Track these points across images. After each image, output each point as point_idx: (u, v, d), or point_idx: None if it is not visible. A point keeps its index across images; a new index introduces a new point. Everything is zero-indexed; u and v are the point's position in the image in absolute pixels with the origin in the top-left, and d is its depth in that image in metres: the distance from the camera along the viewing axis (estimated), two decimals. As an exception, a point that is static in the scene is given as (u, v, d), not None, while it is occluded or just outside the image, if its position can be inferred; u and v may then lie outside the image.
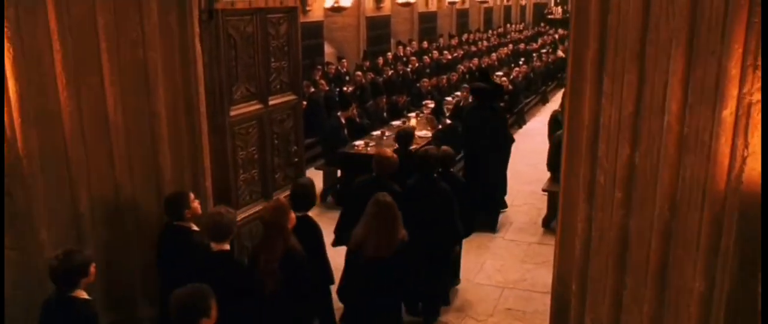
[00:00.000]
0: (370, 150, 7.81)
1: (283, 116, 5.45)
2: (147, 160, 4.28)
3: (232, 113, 4.83)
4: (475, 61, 13.87)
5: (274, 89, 5.30)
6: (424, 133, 8.53)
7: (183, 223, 4.05)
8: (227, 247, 3.68)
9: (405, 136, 6.42)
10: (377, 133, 8.56)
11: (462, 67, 13.07)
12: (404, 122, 9.04)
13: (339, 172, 8.12)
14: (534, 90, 13.02)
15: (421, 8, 20.26)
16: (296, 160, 5.65)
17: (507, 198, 7.86)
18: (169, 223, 4.09)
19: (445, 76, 11.75)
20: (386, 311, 4.10)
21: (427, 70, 13.82)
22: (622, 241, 3.19)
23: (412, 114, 9.72)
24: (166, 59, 4.27)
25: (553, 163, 7.36)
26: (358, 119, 8.44)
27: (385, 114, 9.51)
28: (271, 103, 5.24)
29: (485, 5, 25.80)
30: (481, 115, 7.33)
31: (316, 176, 7.43)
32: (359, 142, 8.03)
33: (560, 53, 15.70)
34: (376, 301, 3.96)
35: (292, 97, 5.52)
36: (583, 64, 3.39)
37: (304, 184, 4.48)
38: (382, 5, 17.50)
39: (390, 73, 12.36)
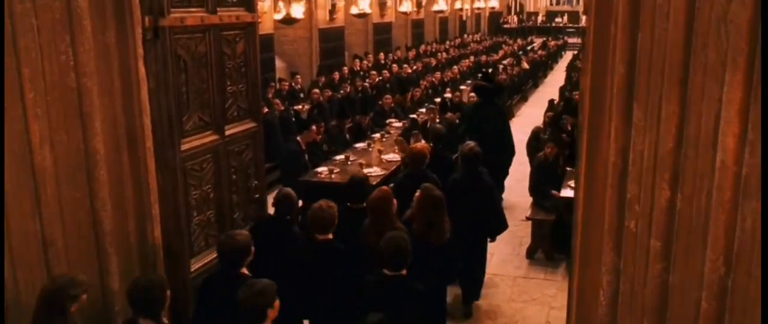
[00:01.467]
0: (335, 177, 7.35)
1: (242, 147, 4.94)
2: (81, 208, 3.69)
3: (184, 147, 4.29)
4: (438, 74, 13.58)
5: (231, 117, 4.78)
6: (391, 156, 8.10)
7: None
8: (331, 236, 4.25)
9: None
10: (341, 157, 8.09)
11: (425, 83, 12.74)
12: (369, 145, 8.60)
13: (300, 203, 7.60)
14: (501, 104, 12.79)
15: (376, 19, 19.96)
16: (257, 196, 5.14)
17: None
18: (270, 219, 4.82)
19: (408, 93, 11.37)
20: (435, 296, 4.36)
21: (387, 85, 13.44)
22: (661, 298, 2.81)
23: (377, 135, 9.29)
24: (103, 86, 3.71)
25: (535, 187, 7.04)
26: (324, 146, 7.96)
27: (347, 136, 9.05)
28: (228, 133, 4.72)
29: (440, 15, 25.74)
30: (484, 113, 7.77)
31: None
32: (322, 169, 7.54)
33: (524, 65, 15.58)
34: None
35: (252, 124, 5.01)
36: (604, 91, 3.03)
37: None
38: (335, 16, 17.09)
39: (348, 89, 11.92)
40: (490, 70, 11.71)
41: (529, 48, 23.96)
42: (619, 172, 2.94)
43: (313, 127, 7.47)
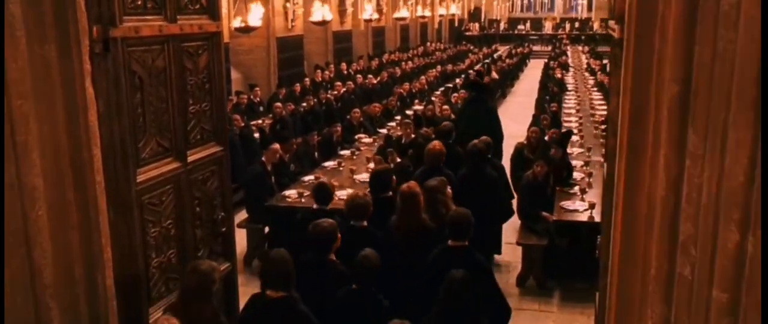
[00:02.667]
0: (305, 201, 6.87)
1: (206, 174, 4.43)
2: (15, 255, 3.14)
3: (140, 178, 3.77)
4: (406, 85, 13.21)
5: (194, 140, 4.27)
6: (364, 176, 7.66)
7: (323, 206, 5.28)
8: (365, 224, 4.80)
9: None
10: (310, 178, 7.61)
11: (394, 96, 12.34)
12: (339, 164, 8.15)
13: (266, 229, 7.11)
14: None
15: (336, 27, 19.56)
16: (224, 230, 4.63)
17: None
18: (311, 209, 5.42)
19: (376, 104, 10.96)
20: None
21: (352, 97, 13.02)
22: (726, 359, 2.45)
23: (346, 152, 8.85)
24: (42, 110, 3.18)
25: (524, 210, 6.69)
26: (291, 165, 7.47)
27: (316, 154, 8.58)
28: (190, 159, 4.21)
29: (401, 23, 25.51)
30: (477, 109, 8.61)
31: (237, 235, 6.37)
32: (290, 192, 7.07)
33: (494, 74, 15.37)
34: None
35: (217, 148, 4.51)
36: (647, 113, 2.66)
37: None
38: (293, 24, 16.61)
39: (312, 102, 11.45)
40: (482, 69, 13.04)
41: (495, 56, 23.89)
42: (669, 209, 2.57)
43: (277, 146, 6.98)
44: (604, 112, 11.70)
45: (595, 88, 14.84)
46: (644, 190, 2.75)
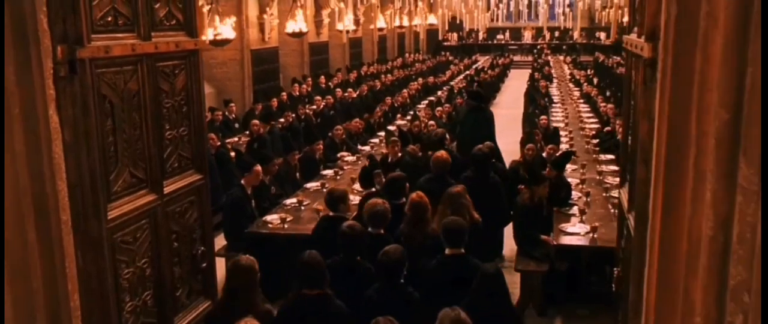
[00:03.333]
0: (289, 227, 6.57)
1: (185, 205, 4.13)
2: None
3: (112, 214, 3.45)
4: (388, 99, 12.98)
5: (171, 169, 3.97)
6: (350, 197, 7.36)
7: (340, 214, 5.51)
8: (383, 231, 5.01)
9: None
10: (292, 201, 7.31)
11: (379, 111, 12.09)
12: (323, 185, 7.85)
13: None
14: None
15: (312, 38, 19.29)
16: (204, 265, 4.32)
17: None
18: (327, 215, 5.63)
19: (357, 120, 10.69)
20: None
21: (332, 112, 12.75)
22: None
23: (329, 171, 8.55)
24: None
25: (522, 234, 6.46)
26: (271, 187, 7.16)
27: (297, 174, 8.28)
28: (167, 190, 3.91)
29: (379, 33, 25.35)
30: (476, 117, 9.19)
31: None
32: (272, 217, 6.75)
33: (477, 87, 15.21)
34: None
35: (196, 177, 4.22)
36: (688, 142, 2.43)
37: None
38: (268, 37, 16.31)
39: (291, 118, 11.15)
40: (478, 79, 13.94)
41: (476, 67, 23.84)
42: (718, 250, 2.33)
43: (259, 168, 6.67)
44: (594, 125, 11.58)
45: (582, 100, 14.75)
46: (685, 228, 2.51)
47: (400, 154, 8.13)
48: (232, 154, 9.50)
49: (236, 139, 11.13)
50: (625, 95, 3.73)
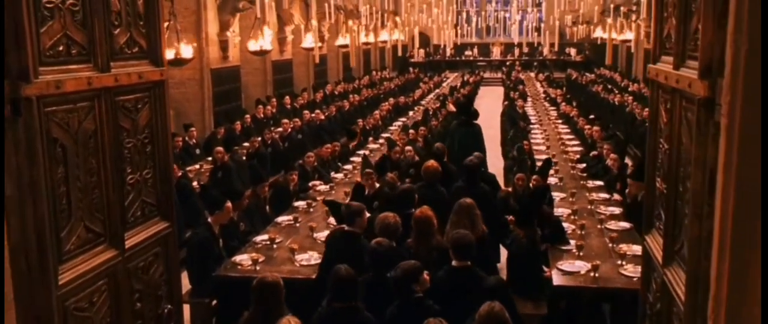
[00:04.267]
0: (260, 268, 6.12)
1: (149, 259, 3.71)
2: None
3: (64, 278, 3.01)
4: (360, 122, 12.62)
5: (134, 219, 3.55)
6: (326, 234, 6.96)
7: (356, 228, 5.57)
8: (394, 244, 5.14)
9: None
10: (263, 238, 6.85)
11: (358, 138, 11.68)
12: (296, 219, 7.43)
13: (215, 302, 6.29)
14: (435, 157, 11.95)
15: (275, 56, 18.86)
16: (171, 325, 3.89)
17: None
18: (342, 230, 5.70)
19: (328, 146, 10.29)
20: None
21: (300, 136, 12.34)
22: None
23: (301, 203, 8.12)
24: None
25: (515, 277, 6.13)
26: (240, 224, 6.72)
27: (267, 207, 7.84)
28: (129, 243, 3.48)
29: (344, 50, 25.04)
30: (465, 131, 10.06)
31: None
32: (242, 258, 6.28)
33: (450, 107, 14.94)
34: None
35: (162, 225, 3.79)
36: (758, 198, 2.12)
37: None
38: (229, 54, 15.85)
39: (256, 143, 10.70)
40: (465, 95, 14.40)
41: (446, 84, 23.69)
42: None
43: (229, 205, 6.23)
44: (577, 148, 11.38)
45: (560, 121, 14.60)
46: (755, 297, 2.20)
47: (377, 185, 7.76)
48: (195, 183, 9.03)
49: (198, 166, 10.63)
50: (651, 133, 3.44)
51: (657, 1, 3.29)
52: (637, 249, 6.33)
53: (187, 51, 12.21)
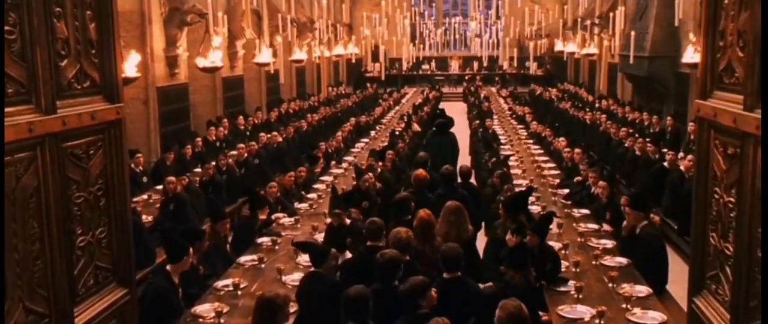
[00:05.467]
0: (224, 322, 5.59)
1: (103, 336, 3.15)
2: None
3: (-2, 378, 2.47)
4: (322, 145, 12.11)
5: (85, 290, 3.01)
6: (295, 276, 6.44)
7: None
8: (408, 257, 5.61)
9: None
10: (226, 283, 6.31)
11: (320, 165, 11.13)
12: (261, 260, 6.89)
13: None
14: (405, 181, 11.49)
15: (225, 72, 18.23)
16: None
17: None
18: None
19: (291, 174, 9.75)
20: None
21: (257, 161, 11.77)
22: None
23: (266, 240, 7.58)
24: None
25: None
26: (199, 267, 6.17)
27: (228, 246, 7.28)
28: (78, 320, 2.94)
29: (297, 65, 24.53)
30: (442, 140, 11.21)
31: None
32: (204, 309, 5.74)
33: (416, 127, 14.59)
34: None
35: (119, 293, 3.26)
36: None
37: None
38: (176, 71, 15.19)
39: (211, 170, 10.11)
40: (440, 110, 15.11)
41: (405, 100, 23.37)
42: None
43: (191, 251, 5.67)
44: (554, 171, 11.10)
45: (532, 141, 14.34)
46: None
47: (348, 221, 7.29)
48: (145, 217, 8.42)
49: (146, 196, 9.99)
50: (700, 180, 3.10)
51: (708, 27, 2.93)
52: (641, 290, 6.02)
53: (131, 69, 11.58)
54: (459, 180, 8.91)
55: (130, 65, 11.52)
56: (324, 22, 23.95)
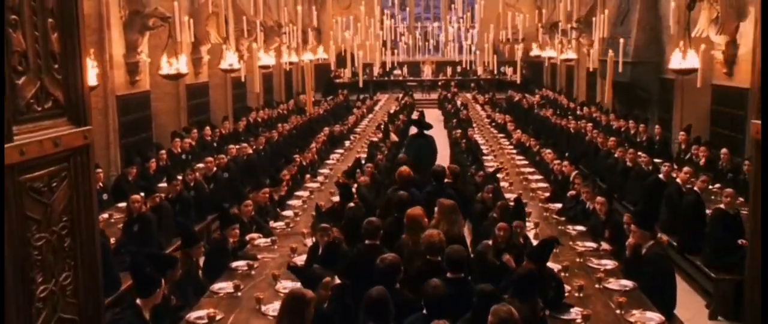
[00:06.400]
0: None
1: None
2: None
3: None
4: (297, 158, 11.71)
5: (48, 348, 2.61)
6: (275, 306, 6.06)
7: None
8: (439, 259, 6.05)
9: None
10: (200, 315, 5.92)
11: (287, 173, 10.75)
12: (237, 288, 6.50)
13: None
14: (383, 197, 11.13)
15: (190, 79, 17.72)
16: None
17: None
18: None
19: (266, 190, 9.33)
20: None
21: (226, 174, 11.35)
22: None
23: (241, 264, 7.19)
24: None
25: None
26: (171, 297, 5.77)
27: (200, 271, 6.87)
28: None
29: (265, 71, 24.07)
30: (421, 142, 11.91)
31: None
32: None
33: (393, 137, 14.29)
34: None
35: (88, 348, 2.86)
36: None
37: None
38: (137, 78, 14.68)
39: (178, 186, 9.66)
40: (420, 112, 15.18)
41: (376, 109, 23.06)
42: None
43: (163, 283, 5.27)
44: (542, 184, 10.85)
45: (516, 151, 14.11)
46: None
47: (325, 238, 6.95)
48: (108, 238, 7.95)
49: (107, 215, 9.52)
50: (753, 213, 2.83)
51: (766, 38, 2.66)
52: (652, 318, 5.76)
53: (90, 77, 11.10)
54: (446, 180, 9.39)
55: (90, 72, 11.07)
56: (291, 27, 23.57)
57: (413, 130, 13.01)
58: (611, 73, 10.18)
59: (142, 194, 8.53)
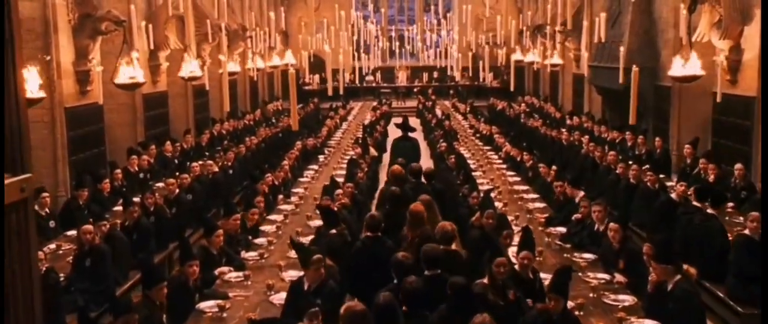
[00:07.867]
0: None
1: None
2: None
3: None
4: (269, 177, 11.10)
5: None
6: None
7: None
8: (454, 246, 7.11)
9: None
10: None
11: (261, 199, 10.14)
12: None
13: None
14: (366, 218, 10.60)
15: (147, 89, 17.05)
16: None
17: None
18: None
19: (236, 217, 8.72)
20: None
21: (189, 196, 10.74)
22: None
23: (209, 305, 6.62)
24: None
25: None
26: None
27: (164, 316, 6.28)
28: None
29: (229, 78, 23.45)
30: (405, 144, 13.29)
31: None
32: None
33: (373, 152, 13.82)
34: None
35: None
36: None
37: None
38: (88, 89, 14.00)
39: (135, 212, 9.04)
40: (404, 116, 15.62)
41: (350, 118, 22.57)
42: None
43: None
44: (539, 204, 10.43)
45: (506, 166, 13.68)
46: None
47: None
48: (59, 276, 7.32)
49: (54, 245, 8.86)
50: None
51: None
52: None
53: (33, 88, 10.45)
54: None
55: (32, 83, 10.43)
56: (258, 31, 23.01)
57: (398, 132, 14.19)
58: (635, 89, 9.72)
59: (93, 222, 7.92)
